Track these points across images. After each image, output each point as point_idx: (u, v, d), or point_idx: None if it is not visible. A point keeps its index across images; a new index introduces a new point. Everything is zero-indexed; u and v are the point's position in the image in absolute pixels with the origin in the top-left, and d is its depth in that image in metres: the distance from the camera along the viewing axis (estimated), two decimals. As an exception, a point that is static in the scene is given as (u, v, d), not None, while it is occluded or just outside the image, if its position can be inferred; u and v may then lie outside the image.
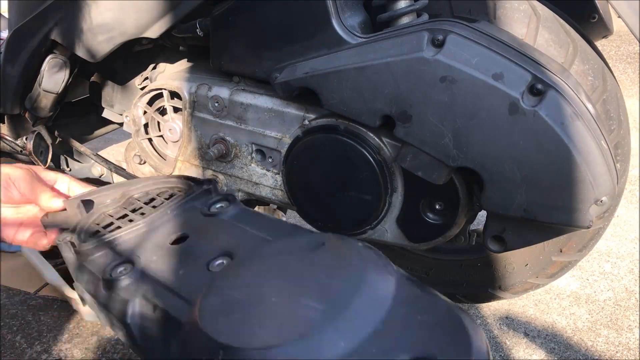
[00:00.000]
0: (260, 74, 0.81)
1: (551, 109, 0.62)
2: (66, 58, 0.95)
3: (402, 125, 0.68)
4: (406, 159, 0.70)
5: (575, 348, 1.15)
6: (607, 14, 0.87)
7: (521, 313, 1.25)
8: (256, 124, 0.89)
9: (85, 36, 0.89)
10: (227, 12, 0.80)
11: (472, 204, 0.79)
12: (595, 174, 0.63)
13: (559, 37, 0.78)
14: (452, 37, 0.64)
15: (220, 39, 0.83)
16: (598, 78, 0.80)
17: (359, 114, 0.71)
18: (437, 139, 0.67)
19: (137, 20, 0.84)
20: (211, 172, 0.99)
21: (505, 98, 0.63)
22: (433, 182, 0.70)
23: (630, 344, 1.16)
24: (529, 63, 0.64)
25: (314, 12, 0.73)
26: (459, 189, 0.76)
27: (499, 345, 1.17)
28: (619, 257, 1.43)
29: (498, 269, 1.08)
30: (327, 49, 0.73)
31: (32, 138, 1.11)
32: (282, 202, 0.93)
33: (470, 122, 0.65)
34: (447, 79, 0.64)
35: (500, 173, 0.65)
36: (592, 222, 0.66)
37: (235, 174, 0.96)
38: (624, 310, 1.25)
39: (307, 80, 0.73)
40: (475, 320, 0.99)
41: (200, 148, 0.97)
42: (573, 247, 0.98)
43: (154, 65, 1.05)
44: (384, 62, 0.67)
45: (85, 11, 0.86)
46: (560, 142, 0.62)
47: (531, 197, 0.65)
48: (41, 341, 1.20)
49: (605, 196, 0.64)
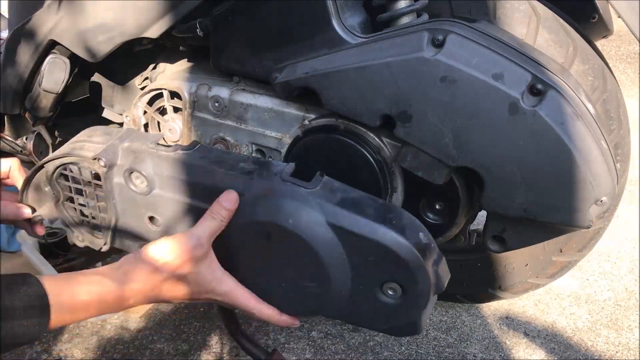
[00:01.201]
0: (260, 74, 0.81)
1: (551, 109, 0.62)
2: (66, 58, 0.95)
3: (402, 125, 0.68)
4: (406, 158, 0.70)
5: (575, 348, 1.15)
6: (607, 14, 0.87)
7: (521, 313, 1.25)
8: (256, 124, 0.89)
9: (85, 36, 0.89)
10: (227, 12, 0.80)
11: (472, 204, 0.79)
12: (595, 174, 0.63)
13: (559, 37, 0.78)
14: (452, 37, 0.64)
15: (220, 39, 0.83)
16: (598, 78, 0.80)
17: (359, 113, 0.71)
18: (437, 138, 0.67)
19: (137, 20, 0.84)
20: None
21: (505, 98, 0.63)
22: (433, 182, 0.70)
23: (630, 344, 1.16)
24: (529, 63, 0.64)
25: (314, 12, 0.73)
26: (459, 189, 0.76)
27: (499, 345, 1.17)
28: (619, 257, 1.43)
29: (498, 269, 1.08)
30: (327, 49, 0.73)
31: (32, 138, 1.11)
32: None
33: (470, 122, 0.65)
34: (447, 79, 0.64)
35: (500, 173, 0.65)
36: (592, 222, 0.66)
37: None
38: (624, 310, 1.25)
39: (307, 80, 0.73)
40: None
41: (200, 148, 0.97)
42: (573, 247, 0.98)
43: (154, 65, 1.05)
44: (384, 62, 0.67)
45: (85, 11, 0.86)
46: (560, 142, 0.62)
47: (531, 197, 0.65)
48: (41, 341, 1.20)
49: (605, 196, 0.64)
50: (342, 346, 1.17)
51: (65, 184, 0.81)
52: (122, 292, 0.66)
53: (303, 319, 0.75)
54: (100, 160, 0.76)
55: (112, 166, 0.76)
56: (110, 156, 0.76)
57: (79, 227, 0.86)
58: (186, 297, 0.70)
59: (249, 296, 0.73)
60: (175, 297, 0.70)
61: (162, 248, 0.67)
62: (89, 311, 0.64)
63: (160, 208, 0.76)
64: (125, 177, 0.76)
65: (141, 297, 0.67)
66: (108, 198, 0.79)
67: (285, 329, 1.22)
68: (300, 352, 1.16)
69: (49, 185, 0.82)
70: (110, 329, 1.24)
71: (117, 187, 0.78)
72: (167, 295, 0.69)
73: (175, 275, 0.67)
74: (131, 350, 1.18)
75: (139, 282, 0.66)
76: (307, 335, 1.20)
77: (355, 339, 1.19)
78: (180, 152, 0.74)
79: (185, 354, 1.16)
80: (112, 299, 0.65)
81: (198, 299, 0.72)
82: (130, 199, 0.77)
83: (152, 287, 0.67)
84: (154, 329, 1.23)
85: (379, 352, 1.15)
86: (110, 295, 0.65)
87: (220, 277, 0.70)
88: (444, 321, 1.24)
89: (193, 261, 0.67)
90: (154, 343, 1.19)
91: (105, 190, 0.78)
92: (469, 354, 1.14)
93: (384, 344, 1.18)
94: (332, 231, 0.66)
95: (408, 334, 0.74)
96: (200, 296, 0.71)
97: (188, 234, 0.68)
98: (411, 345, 1.17)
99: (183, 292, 0.69)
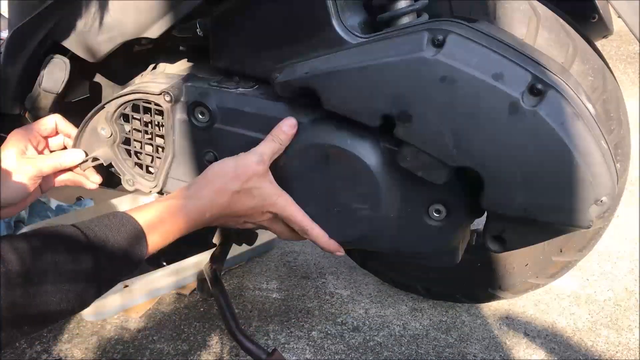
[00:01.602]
0: (260, 74, 0.81)
1: (551, 109, 0.62)
2: (66, 58, 0.95)
3: (402, 125, 0.68)
4: (406, 158, 0.70)
5: (575, 348, 1.16)
6: (607, 14, 0.87)
7: (521, 313, 1.25)
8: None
9: (85, 36, 0.89)
10: (227, 12, 0.80)
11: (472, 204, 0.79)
12: (595, 174, 0.63)
13: (559, 37, 0.78)
14: (452, 37, 0.64)
15: (220, 39, 0.83)
16: (598, 78, 0.80)
17: (359, 113, 0.71)
18: (437, 138, 0.67)
19: (137, 20, 0.84)
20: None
21: (505, 98, 0.63)
22: (433, 181, 0.70)
23: (630, 344, 1.16)
24: (529, 63, 0.64)
25: (314, 12, 0.73)
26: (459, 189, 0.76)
27: (499, 345, 1.17)
28: (619, 257, 1.43)
29: (498, 269, 1.08)
30: (327, 48, 0.73)
31: (32, 138, 1.10)
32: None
33: (471, 122, 0.65)
34: (447, 79, 0.64)
35: (500, 173, 0.66)
36: (592, 222, 0.66)
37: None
38: (624, 310, 1.25)
39: (307, 80, 0.73)
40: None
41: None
42: (573, 247, 0.98)
43: (154, 65, 1.05)
44: (384, 62, 0.67)
45: (85, 11, 0.86)
46: (560, 142, 0.62)
47: (531, 197, 0.65)
48: (41, 341, 1.20)
49: (605, 196, 0.64)
50: (342, 346, 1.17)
51: (124, 124, 0.88)
52: (200, 206, 0.73)
53: (342, 255, 0.83)
54: (167, 95, 0.81)
55: (177, 101, 0.82)
56: (176, 92, 0.82)
57: (132, 169, 0.92)
58: (253, 210, 0.77)
59: (304, 213, 0.79)
60: (244, 211, 0.76)
61: (229, 164, 0.75)
62: (176, 227, 0.71)
63: (219, 142, 0.82)
64: (189, 111, 0.82)
65: (217, 210, 0.74)
66: (168, 135, 0.85)
67: (285, 329, 1.22)
68: (300, 352, 1.16)
69: (108, 126, 0.88)
70: (110, 329, 1.24)
71: (178, 124, 0.84)
72: (237, 207, 0.75)
73: (243, 188, 0.74)
74: (131, 350, 1.18)
75: (212, 196, 0.73)
76: (307, 335, 1.20)
77: (355, 339, 1.19)
78: (241, 89, 0.81)
79: (185, 354, 1.16)
80: (194, 214, 0.72)
81: (261, 215, 0.78)
82: (191, 135, 0.84)
83: (224, 199, 0.74)
84: (154, 329, 1.23)
85: (379, 352, 1.15)
86: (191, 210, 0.72)
87: (280, 192, 0.78)
88: (444, 321, 1.24)
89: (257, 176, 0.75)
90: (154, 343, 1.19)
91: (166, 127, 0.84)
92: (469, 354, 1.14)
93: (384, 344, 1.18)
94: (387, 152, 0.72)
95: (446, 263, 0.80)
96: (263, 209, 0.77)
97: (251, 152, 0.76)
98: (411, 345, 1.17)
99: (250, 204, 0.76)
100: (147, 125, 0.88)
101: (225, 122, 0.82)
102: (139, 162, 0.92)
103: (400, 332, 1.21)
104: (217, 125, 0.82)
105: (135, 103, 0.86)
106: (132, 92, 0.85)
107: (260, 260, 1.47)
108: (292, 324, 1.24)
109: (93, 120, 0.90)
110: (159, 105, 0.84)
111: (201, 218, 0.73)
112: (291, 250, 1.51)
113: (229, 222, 0.79)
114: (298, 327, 1.23)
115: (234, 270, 1.43)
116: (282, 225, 0.81)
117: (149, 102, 0.85)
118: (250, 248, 1.38)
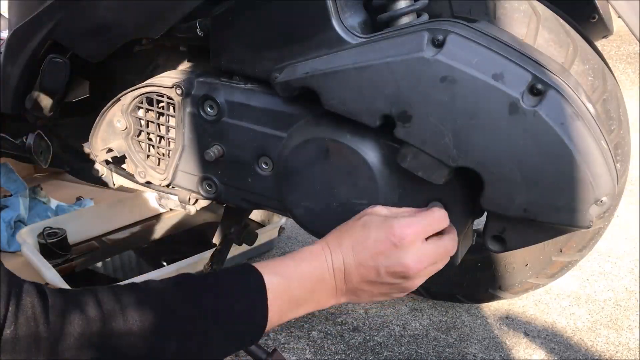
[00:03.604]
0: (260, 74, 0.81)
1: (551, 109, 0.62)
2: (66, 58, 0.95)
3: (402, 125, 0.68)
4: (406, 159, 0.70)
5: (575, 348, 1.16)
6: (607, 14, 0.87)
7: (521, 313, 1.26)
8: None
9: (85, 36, 0.89)
10: (227, 12, 0.80)
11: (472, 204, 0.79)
12: (595, 174, 0.63)
13: (559, 37, 0.78)
14: (452, 37, 0.64)
15: (220, 39, 0.83)
16: (598, 78, 0.80)
17: (359, 113, 0.71)
18: (437, 138, 0.67)
19: (137, 20, 0.84)
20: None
21: (505, 98, 0.63)
22: (433, 182, 0.70)
23: (630, 344, 1.16)
24: (529, 63, 0.64)
25: (314, 12, 0.73)
26: (459, 189, 0.76)
27: (499, 345, 1.17)
28: (619, 257, 1.43)
29: (498, 269, 1.08)
30: (327, 49, 0.73)
31: (32, 138, 1.11)
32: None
33: (471, 122, 0.65)
34: (447, 79, 0.64)
35: (500, 173, 0.65)
36: (592, 222, 0.66)
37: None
38: (624, 310, 1.25)
39: (307, 80, 0.73)
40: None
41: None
42: (573, 247, 0.98)
43: (154, 65, 1.05)
44: (384, 62, 0.67)
45: (85, 11, 0.87)
46: (560, 142, 0.62)
47: (531, 197, 0.65)
48: (41, 341, 1.20)
49: (605, 196, 0.64)
50: (342, 346, 1.17)
51: (138, 116, 0.92)
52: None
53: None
54: (178, 88, 0.85)
55: (188, 94, 0.85)
56: (187, 85, 0.85)
57: (144, 162, 0.96)
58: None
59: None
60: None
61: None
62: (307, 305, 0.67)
63: (226, 136, 0.85)
64: (198, 104, 0.85)
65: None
66: (178, 127, 0.88)
67: (285, 329, 1.22)
68: (300, 352, 1.16)
69: (123, 118, 0.92)
70: (110, 329, 1.24)
71: (188, 117, 0.87)
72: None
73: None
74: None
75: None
76: (307, 335, 1.21)
77: (355, 339, 1.19)
78: (250, 85, 0.84)
79: (185, 354, 1.16)
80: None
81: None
82: (199, 128, 0.87)
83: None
84: (154, 329, 1.23)
85: (379, 352, 1.15)
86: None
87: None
88: (444, 321, 1.24)
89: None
90: (154, 343, 1.19)
91: (177, 120, 0.88)
92: (469, 354, 1.14)
93: (384, 344, 1.18)
94: (385, 148, 0.73)
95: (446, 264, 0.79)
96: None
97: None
98: (411, 345, 1.17)
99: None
100: (160, 117, 0.91)
101: (233, 116, 0.84)
102: (151, 154, 0.95)
103: (400, 332, 1.21)
104: (225, 119, 0.84)
105: (149, 96, 0.89)
106: (147, 85, 0.88)
107: (260, 260, 1.47)
108: (292, 324, 1.24)
109: (109, 112, 0.94)
110: (171, 99, 0.87)
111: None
112: (291, 250, 1.51)
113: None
114: (298, 327, 1.23)
115: (234, 270, 1.43)
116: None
117: (162, 95, 0.88)
118: (250, 248, 1.38)
